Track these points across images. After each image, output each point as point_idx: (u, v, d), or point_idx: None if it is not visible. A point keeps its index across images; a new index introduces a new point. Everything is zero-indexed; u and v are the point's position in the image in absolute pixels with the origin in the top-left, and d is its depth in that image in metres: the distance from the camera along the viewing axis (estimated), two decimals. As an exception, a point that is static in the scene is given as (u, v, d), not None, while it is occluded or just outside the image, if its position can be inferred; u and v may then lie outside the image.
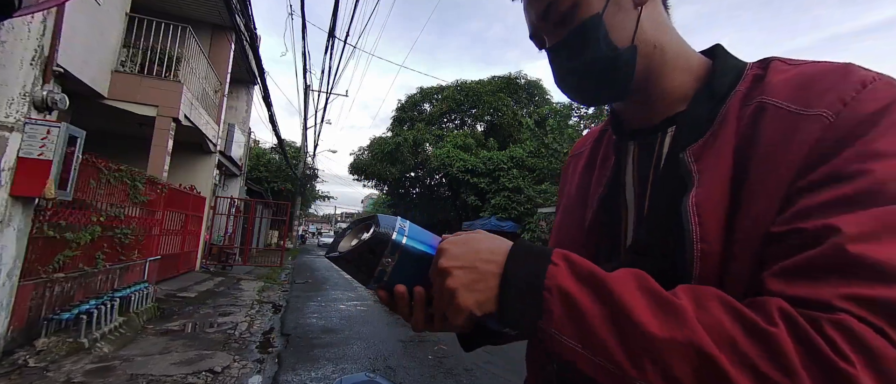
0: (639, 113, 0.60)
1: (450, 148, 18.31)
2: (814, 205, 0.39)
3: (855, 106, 0.41)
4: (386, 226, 0.51)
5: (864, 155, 0.39)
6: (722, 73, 0.53)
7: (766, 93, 0.47)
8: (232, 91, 11.39)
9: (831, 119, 0.42)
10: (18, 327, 3.66)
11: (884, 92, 0.42)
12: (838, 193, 0.39)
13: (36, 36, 3.79)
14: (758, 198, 0.43)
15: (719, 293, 0.39)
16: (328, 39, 11.03)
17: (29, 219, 3.75)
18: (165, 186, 6.84)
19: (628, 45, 0.53)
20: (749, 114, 0.47)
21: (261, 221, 18.42)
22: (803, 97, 0.44)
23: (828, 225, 0.37)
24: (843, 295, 0.35)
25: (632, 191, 0.59)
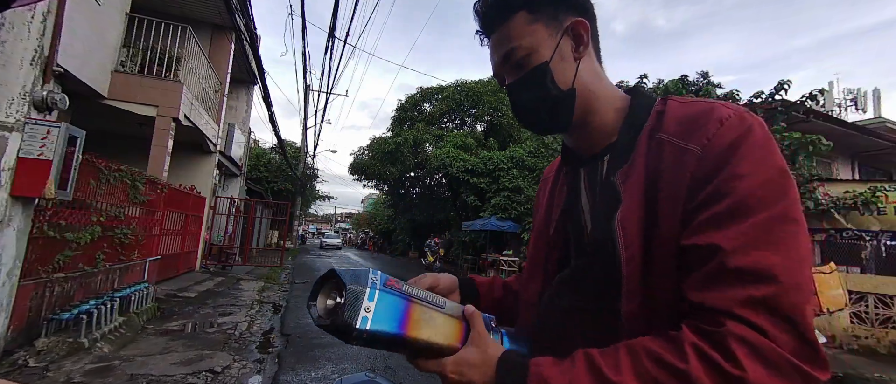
0: (584, 144, 0.73)
1: (450, 148, 18.29)
2: (702, 221, 0.52)
3: (716, 140, 0.54)
4: (351, 310, 0.51)
5: (728, 178, 0.52)
6: (636, 109, 0.68)
7: (663, 129, 0.61)
8: (232, 91, 11.38)
9: (700, 152, 0.55)
10: (18, 327, 3.66)
11: (736, 127, 0.55)
12: (715, 211, 0.51)
13: (36, 36, 3.79)
14: (664, 214, 0.56)
15: (646, 343, 0.50)
16: (328, 39, 11.03)
17: (29, 219, 3.75)
18: (165, 186, 6.83)
19: (569, 87, 0.66)
20: (654, 146, 0.60)
21: (261, 221, 18.41)
22: (684, 132, 0.58)
23: (712, 243, 0.50)
24: (730, 299, 0.47)
25: (586, 206, 0.72)
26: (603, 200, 0.67)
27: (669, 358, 0.47)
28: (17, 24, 3.66)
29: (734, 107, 0.58)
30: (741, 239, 0.49)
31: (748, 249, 0.48)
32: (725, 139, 0.54)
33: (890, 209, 6.18)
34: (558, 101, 0.67)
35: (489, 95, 20.78)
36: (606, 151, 0.69)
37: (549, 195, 0.83)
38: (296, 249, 22.49)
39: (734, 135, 0.54)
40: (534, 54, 0.66)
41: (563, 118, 0.68)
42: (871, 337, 5.77)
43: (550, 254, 0.77)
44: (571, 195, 0.75)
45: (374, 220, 39.10)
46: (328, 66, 15.40)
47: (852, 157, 10.49)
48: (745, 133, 0.54)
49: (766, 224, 0.49)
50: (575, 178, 0.75)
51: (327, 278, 0.57)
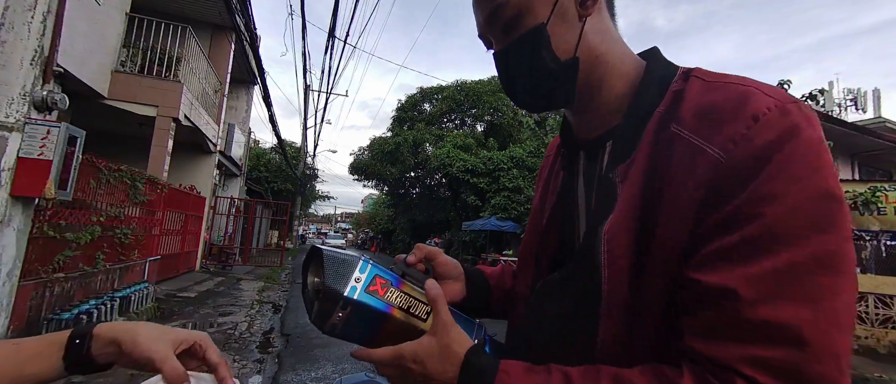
0: (585, 123, 0.60)
1: (450, 148, 18.30)
2: (712, 253, 0.41)
3: (744, 144, 0.41)
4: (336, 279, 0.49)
5: (754, 198, 0.39)
6: (648, 84, 0.53)
7: (678, 120, 0.47)
8: (232, 91, 11.38)
9: (722, 159, 0.41)
10: (18, 327, 3.66)
11: (776, 125, 0.41)
12: (731, 242, 0.40)
13: (36, 36, 3.79)
14: (663, 230, 0.44)
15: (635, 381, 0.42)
16: (328, 39, 11.04)
17: (29, 219, 3.75)
18: (165, 186, 6.84)
19: (571, 56, 0.53)
20: (664, 141, 0.47)
21: (261, 221, 18.41)
22: (705, 128, 0.44)
23: (726, 287, 0.39)
24: (744, 358, 0.38)
25: (582, 200, 0.60)
26: (599, 200, 0.55)
27: None
28: (17, 24, 3.66)
29: (778, 94, 0.43)
30: (763, 285, 0.38)
31: (772, 299, 0.37)
32: (757, 143, 0.41)
33: (890, 209, 6.18)
34: (556, 74, 0.53)
35: (489, 95, 20.78)
36: (609, 136, 0.56)
37: (546, 178, 0.72)
38: (296, 249, 22.50)
39: (770, 137, 0.40)
40: (526, 13, 0.52)
41: (561, 94, 0.55)
42: (871, 337, 5.77)
43: (543, 249, 0.65)
44: (568, 183, 0.64)
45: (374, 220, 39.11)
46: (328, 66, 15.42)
47: (852, 157, 10.50)
48: (785, 135, 0.40)
49: (797, 267, 0.38)
50: (574, 161, 0.63)
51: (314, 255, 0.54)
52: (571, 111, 0.61)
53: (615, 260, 0.47)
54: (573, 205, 0.62)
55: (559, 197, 0.64)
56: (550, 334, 0.56)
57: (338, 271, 0.49)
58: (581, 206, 0.60)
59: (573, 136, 0.64)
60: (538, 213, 0.69)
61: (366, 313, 0.50)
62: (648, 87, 0.53)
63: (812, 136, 0.41)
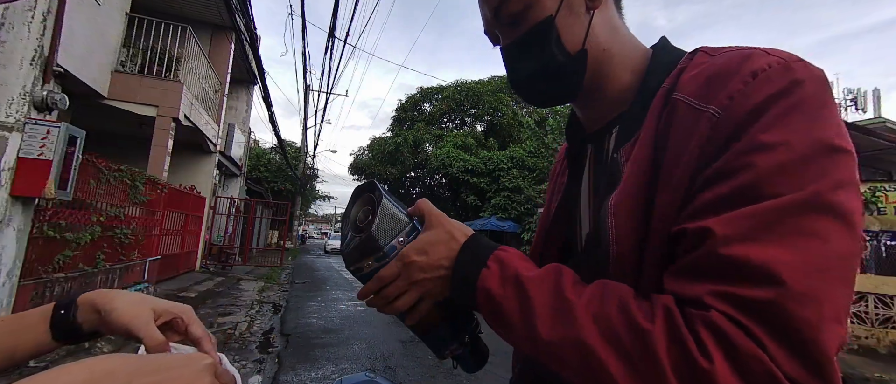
0: (592, 115, 0.60)
1: (450, 148, 18.31)
2: (700, 204, 0.39)
3: (741, 99, 0.40)
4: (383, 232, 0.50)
5: (747, 149, 0.38)
6: (656, 68, 0.53)
7: (679, 88, 0.46)
8: (232, 91, 11.38)
9: (719, 115, 0.41)
10: (18, 327, 3.66)
11: (775, 80, 0.40)
12: (719, 192, 0.39)
13: (36, 36, 3.79)
14: (664, 198, 0.43)
15: (623, 290, 0.41)
16: (328, 39, 11.04)
17: (29, 219, 3.75)
18: (165, 186, 6.84)
19: (579, 49, 0.53)
20: (667, 113, 0.46)
21: (261, 221, 18.41)
22: (705, 92, 0.43)
23: (703, 227, 0.38)
24: (714, 292, 0.36)
25: (586, 192, 0.60)
26: (605, 184, 0.54)
27: (635, 310, 0.38)
28: (17, 24, 3.66)
29: (784, 54, 0.42)
30: (741, 224, 0.36)
31: (748, 239, 0.36)
32: (755, 97, 0.39)
33: (890, 209, 6.18)
34: (565, 67, 0.53)
35: (489, 95, 20.80)
36: (616, 123, 0.56)
37: (557, 177, 0.72)
38: (296, 249, 22.50)
39: (770, 91, 0.39)
40: (535, 6, 0.52)
41: (569, 87, 0.56)
42: (871, 337, 5.77)
43: (547, 247, 0.65)
44: (574, 177, 0.64)
45: (374, 220, 39.06)
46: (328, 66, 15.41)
47: (852, 157, 10.49)
48: (786, 89, 0.39)
49: (782, 210, 0.36)
50: (580, 156, 0.64)
51: (370, 189, 0.55)
52: (579, 105, 0.61)
53: (622, 236, 0.46)
54: (577, 200, 0.62)
55: (564, 195, 0.65)
56: None
57: (388, 225, 0.51)
58: (585, 198, 0.60)
59: (580, 130, 0.64)
60: (545, 211, 0.71)
61: None
62: (655, 71, 0.53)
63: (815, 89, 0.39)
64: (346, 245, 0.53)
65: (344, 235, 0.56)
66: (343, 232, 0.55)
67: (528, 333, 0.43)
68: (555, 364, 0.42)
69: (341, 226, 0.54)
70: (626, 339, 0.37)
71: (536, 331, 0.42)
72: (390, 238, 0.50)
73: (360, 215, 0.53)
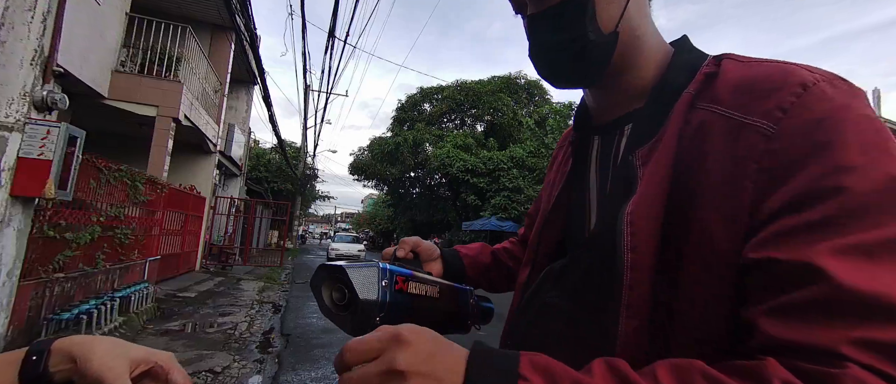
0: (604, 106, 0.58)
1: (450, 148, 18.32)
2: (787, 230, 0.35)
3: (798, 113, 0.38)
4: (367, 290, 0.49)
5: (830, 171, 0.35)
6: (677, 68, 0.51)
7: (712, 99, 0.44)
8: (232, 91, 11.38)
9: (772, 130, 0.38)
10: (18, 327, 3.66)
11: (828, 95, 0.38)
12: (812, 218, 0.35)
13: (36, 36, 3.79)
14: (704, 214, 0.40)
15: (708, 373, 0.33)
16: (328, 39, 11.04)
17: (29, 219, 3.75)
18: (165, 186, 6.84)
19: (612, 30, 0.50)
20: (695, 121, 0.44)
21: (261, 221, 18.42)
22: (745, 104, 0.41)
23: (812, 259, 0.33)
24: (848, 339, 0.30)
25: (594, 186, 0.58)
26: (614, 184, 0.53)
27: None
28: (17, 24, 3.66)
29: (823, 71, 0.40)
30: (858, 258, 0.32)
31: (871, 272, 0.31)
32: (813, 112, 0.37)
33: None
34: (594, 46, 0.50)
35: (489, 95, 20.81)
36: (628, 119, 0.54)
37: (557, 167, 0.69)
38: (296, 249, 22.50)
39: (827, 107, 0.37)
40: None
41: (594, 70, 0.52)
42: (871, 337, 5.78)
43: (545, 236, 0.63)
44: (578, 169, 0.61)
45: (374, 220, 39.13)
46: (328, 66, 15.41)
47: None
48: (842, 106, 0.37)
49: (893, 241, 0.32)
50: (586, 147, 0.60)
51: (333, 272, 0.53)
52: (594, 91, 0.58)
53: (639, 244, 0.43)
54: (583, 193, 0.59)
55: (567, 184, 0.62)
56: (553, 325, 0.54)
57: (365, 283, 0.50)
58: (593, 193, 0.58)
59: (589, 120, 0.61)
60: (545, 199, 0.68)
61: (399, 310, 0.52)
62: (676, 70, 0.50)
63: (868, 109, 0.38)
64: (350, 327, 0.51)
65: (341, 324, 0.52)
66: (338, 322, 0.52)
67: None
68: None
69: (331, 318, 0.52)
70: None
71: None
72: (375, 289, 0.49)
73: (336, 296, 0.52)
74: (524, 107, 22.14)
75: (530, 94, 22.58)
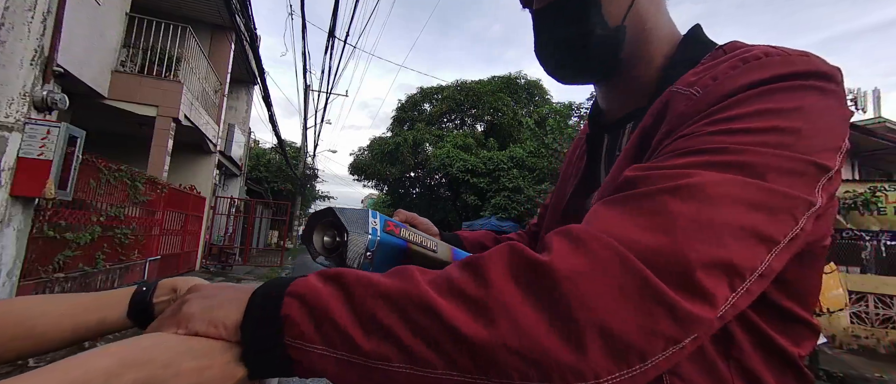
0: (614, 103, 0.58)
1: (450, 148, 18.32)
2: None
3: (726, 80, 0.38)
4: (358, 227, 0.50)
5: (703, 123, 0.36)
6: (678, 64, 0.49)
7: (680, 81, 0.44)
8: (232, 91, 11.38)
9: (697, 94, 0.39)
10: (18, 327, 3.66)
11: (770, 67, 0.37)
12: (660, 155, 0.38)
13: (36, 36, 3.79)
14: None
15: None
16: (328, 39, 11.04)
17: (29, 219, 3.75)
18: (165, 186, 6.83)
19: (619, 23, 0.49)
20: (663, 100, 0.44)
21: (261, 221, 18.42)
22: (698, 80, 0.41)
23: (626, 176, 0.37)
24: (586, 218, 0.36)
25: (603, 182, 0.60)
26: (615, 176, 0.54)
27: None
28: (17, 24, 3.66)
29: (793, 51, 0.39)
30: (655, 173, 0.35)
31: (657, 190, 0.34)
32: (741, 79, 0.37)
33: (890, 209, 6.19)
34: (601, 43, 0.49)
35: (489, 95, 20.80)
36: (631, 118, 0.53)
37: (570, 164, 0.69)
38: (296, 249, 22.50)
39: (762, 75, 0.36)
40: None
41: (601, 65, 0.51)
42: (871, 337, 5.77)
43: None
44: (591, 165, 0.61)
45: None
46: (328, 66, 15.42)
47: (852, 157, 10.50)
48: (783, 75, 0.36)
49: (693, 165, 0.34)
50: (598, 145, 0.60)
51: (323, 216, 0.53)
52: (603, 88, 0.58)
53: None
54: (594, 189, 0.60)
55: (581, 181, 0.62)
56: None
57: (356, 221, 0.51)
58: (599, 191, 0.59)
59: (601, 117, 0.61)
60: (560, 195, 0.67)
61: (389, 250, 0.53)
62: (677, 65, 0.49)
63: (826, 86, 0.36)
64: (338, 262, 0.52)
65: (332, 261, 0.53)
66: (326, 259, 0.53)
67: (355, 315, 0.32)
68: (381, 349, 0.31)
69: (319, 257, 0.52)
70: (459, 278, 0.32)
71: (370, 294, 0.33)
72: (366, 227, 0.51)
73: (326, 240, 0.52)
74: (524, 107, 22.14)
75: (530, 94, 22.57)
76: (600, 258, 0.30)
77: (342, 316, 0.33)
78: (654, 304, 0.29)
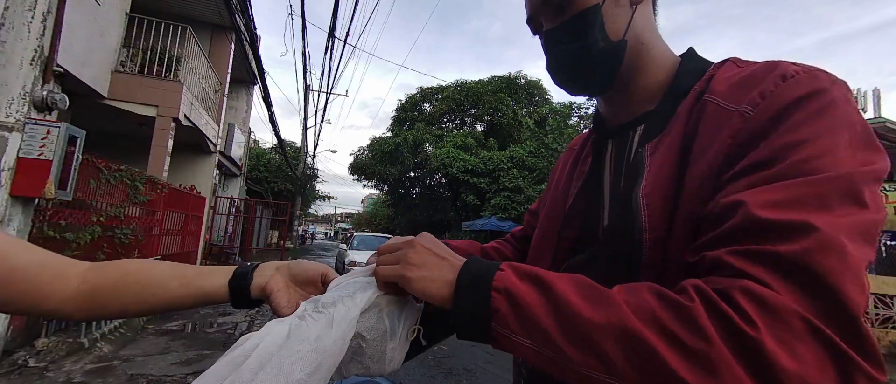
0: (617, 111, 0.63)
1: (450, 148, 18.31)
2: (730, 190, 0.41)
3: (772, 99, 0.43)
4: None
5: (779, 144, 0.41)
6: (685, 73, 0.57)
7: (710, 91, 0.50)
8: (232, 91, 11.38)
9: (750, 112, 0.44)
10: (18, 327, 3.66)
11: (805, 84, 0.43)
12: (751, 181, 0.41)
13: (36, 36, 3.79)
14: (691, 188, 0.46)
15: (651, 284, 0.40)
16: (328, 39, 11.04)
17: (29, 219, 3.75)
18: (165, 186, 6.83)
19: (620, 38, 0.56)
20: (696, 110, 0.50)
21: (261, 221, 18.41)
22: (736, 95, 0.47)
23: (736, 200, 0.39)
24: (741, 252, 0.37)
25: (607, 184, 0.63)
26: (627, 178, 0.57)
27: (671, 294, 0.37)
28: (17, 24, 3.66)
29: (809, 66, 0.45)
30: (772, 192, 0.38)
31: (778, 205, 0.37)
32: (785, 97, 0.42)
33: (890, 209, 6.19)
34: (605, 53, 0.56)
35: (489, 95, 20.79)
36: (641, 121, 0.59)
37: (571, 167, 0.73)
38: (296, 249, 22.49)
39: (799, 92, 0.42)
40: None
41: (606, 76, 0.58)
42: (871, 337, 5.78)
43: (563, 233, 0.65)
44: (594, 169, 0.65)
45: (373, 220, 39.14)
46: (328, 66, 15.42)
47: (852, 157, 10.49)
48: (814, 93, 0.42)
49: (809, 183, 0.38)
50: (602, 150, 0.65)
51: None
52: (607, 97, 0.64)
53: (653, 217, 0.48)
54: (598, 193, 0.63)
55: (585, 184, 0.66)
56: None
57: None
58: (606, 194, 0.62)
59: (603, 125, 0.67)
60: (560, 200, 0.70)
61: None
62: (685, 75, 0.56)
63: (842, 95, 0.42)
64: None
65: None
66: None
67: (560, 326, 0.39)
68: (589, 361, 0.37)
69: None
70: (666, 319, 0.35)
71: (578, 317, 0.38)
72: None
73: None
74: (524, 107, 22.13)
75: (530, 94, 22.56)
76: (811, 350, 0.33)
77: (549, 325, 0.39)
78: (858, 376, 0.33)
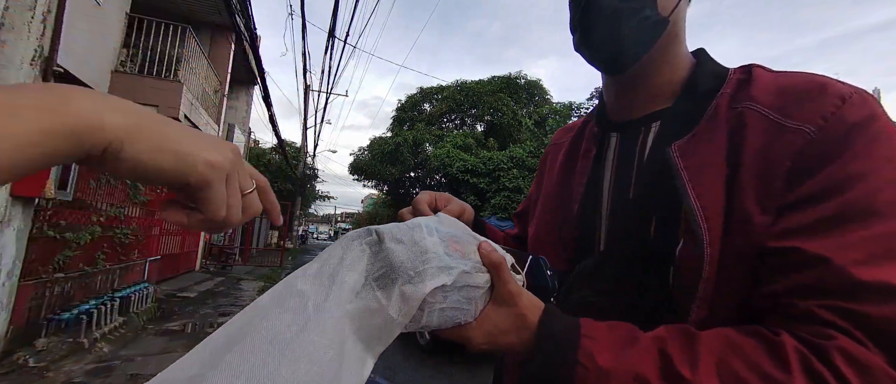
0: (627, 104, 0.61)
1: (450, 148, 18.30)
2: (806, 223, 0.41)
3: (836, 121, 0.42)
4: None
5: (845, 174, 0.41)
6: (704, 74, 0.55)
7: (751, 99, 0.48)
8: (232, 91, 11.38)
9: (813, 134, 0.43)
10: (18, 327, 3.66)
11: (861, 107, 0.43)
12: (822, 214, 0.40)
13: (36, 36, 3.79)
14: (746, 204, 0.44)
15: (735, 341, 0.40)
16: (328, 39, 11.04)
17: (29, 219, 3.75)
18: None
19: (666, 16, 0.54)
20: (736, 117, 0.48)
21: (261, 221, 18.41)
22: (782, 107, 0.46)
23: (823, 255, 0.39)
24: (837, 309, 0.37)
25: (609, 182, 0.59)
26: (642, 178, 0.54)
27: (765, 363, 0.37)
28: (17, 25, 3.66)
29: (855, 86, 0.45)
30: (865, 248, 0.38)
31: (876, 261, 0.37)
32: (849, 120, 0.42)
33: None
34: (649, 25, 0.53)
35: (489, 95, 20.78)
36: (655, 118, 0.57)
37: (566, 162, 0.69)
38: (296, 249, 22.50)
39: (859, 117, 0.42)
40: None
41: (639, 48, 0.54)
42: (871, 337, 5.78)
43: (568, 233, 0.62)
44: (597, 166, 0.62)
45: (374, 220, 39.13)
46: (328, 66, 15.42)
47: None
48: (870, 118, 0.42)
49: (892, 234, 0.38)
50: (603, 145, 0.62)
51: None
52: (620, 87, 0.61)
53: (714, 239, 0.45)
54: (598, 189, 0.60)
55: (589, 180, 0.62)
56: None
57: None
58: (606, 189, 0.59)
59: (606, 117, 0.64)
60: (559, 198, 0.66)
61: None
62: (704, 75, 0.55)
63: (890, 122, 0.43)
64: None
65: None
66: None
67: None
68: None
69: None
70: None
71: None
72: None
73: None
74: (524, 107, 22.11)
75: (530, 94, 22.55)
76: None
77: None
78: None
